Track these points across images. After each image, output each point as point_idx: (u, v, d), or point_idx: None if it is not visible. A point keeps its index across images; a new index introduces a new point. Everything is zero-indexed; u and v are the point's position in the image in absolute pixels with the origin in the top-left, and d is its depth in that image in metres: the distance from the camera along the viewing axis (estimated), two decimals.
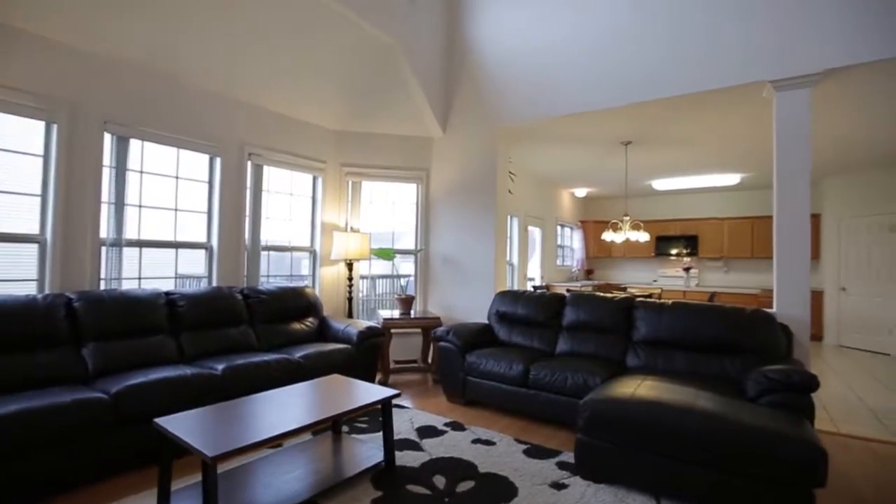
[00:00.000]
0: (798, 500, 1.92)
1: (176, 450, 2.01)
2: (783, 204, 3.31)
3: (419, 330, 4.69)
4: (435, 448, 2.77)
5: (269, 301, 3.77)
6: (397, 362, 4.55)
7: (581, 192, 8.38)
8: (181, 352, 3.12)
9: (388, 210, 5.10)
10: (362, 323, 3.91)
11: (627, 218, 5.49)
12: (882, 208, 6.19)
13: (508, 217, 5.76)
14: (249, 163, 4.00)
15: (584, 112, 4.08)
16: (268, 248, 4.24)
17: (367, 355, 3.76)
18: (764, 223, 7.51)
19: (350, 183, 4.84)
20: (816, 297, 6.87)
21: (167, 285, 3.59)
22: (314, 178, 4.65)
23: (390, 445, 2.49)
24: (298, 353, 3.35)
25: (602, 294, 3.92)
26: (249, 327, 3.58)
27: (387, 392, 2.50)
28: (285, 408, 2.21)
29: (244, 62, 3.66)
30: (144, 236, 3.42)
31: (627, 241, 5.67)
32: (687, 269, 7.22)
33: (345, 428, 3.02)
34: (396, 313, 4.45)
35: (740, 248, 7.69)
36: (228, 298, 3.51)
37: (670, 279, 8.47)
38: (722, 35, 3.45)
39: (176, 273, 3.65)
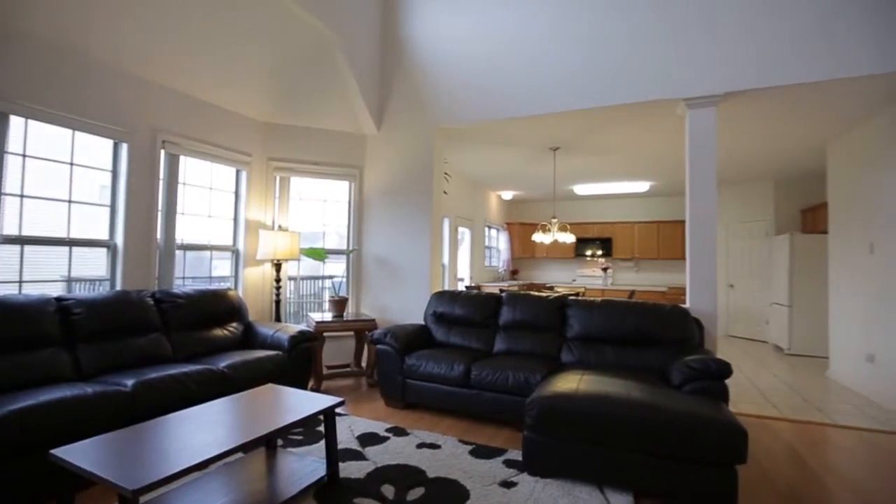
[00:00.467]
0: (723, 477, 2.11)
1: (78, 482, 1.70)
2: (694, 210, 3.65)
3: (352, 333, 4.52)
4: (379, 456, 2.66)
5: (187, 305, 3.39)
6: (329, 367, 4.34)
7: (508, 195, 8.65)
8: (78, 367, 2.68)
9: (318, 208, 4.84)
10: (293, 327, 3.67)
11: (555, 220, 5.76)
12: (760, 215, 7.14)
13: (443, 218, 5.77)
14: (163, 151, 3.56)
15: (519, 117, 4.19)
16: (184, 247, 3.81)
17: (300, 361, 3.53)
18: (669, 227, 8.31)
19: (278, 178, 4.53)
20: None
21: (56, 289, 3.07)
22: (238, 172, 4.28)
23: (334, 458, 2.34)
24: (223, 363, 3.04)
25: (536, 293, 4.05)
26: (163, 335, 3.18)
27: (330, 400, 2.35)
28: (215, 426, 1.98)
29: (160, 39, 3.25)
30: (27, 232, 2.89)
31: (555, 242, 5.94)
32: (605, 269, 7.78)
33: (279, 442, 2.79)
34: (328, 316, 4.24)
35: (649, 250, 8.44)
36: (137, 303, 3.10)
37: (588, 279, 9.05)
38: (645, 55, 3.73)
39: (69, 275, 3.14)
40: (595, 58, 3.88)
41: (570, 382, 2.66)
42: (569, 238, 5.85)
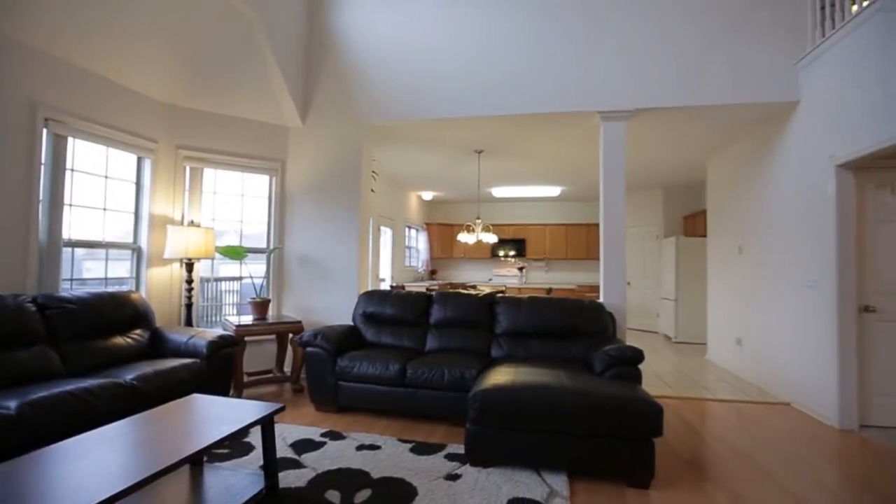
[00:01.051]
0: (643, 450, 2.37)
1: None
2: (608, 214, 4.04)
3: (274, 336, 4.26)
4: (318, 462, 2.56)
5: (79, 312, 2.94)
6: (249, 374, 4.04)
7: (428, 196, 8.75)
8: None
9: (235, 203, 4.49)
10: (211, 332, 3.36)
11: (480, 221, 5.97)
12: (651, 220, 8.06)
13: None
14: (45, 131, 3.05)
15: (449, 118, 4.29)
16: (73, 244, 3.30)
17: (220, 369, 3.24)
18: (577, 229, 9.03)
19: (188, 169, 4.11)
20: None
21: None
22: (140, 160, 3.81)
23: (273, 468, 2.21)
24: (130, 375, 2.69)
25: (465, 292, 4.17)
26: (50, 347, 2.73)
27: (268, 407, 2.21)
28: (132, 448, 1.75)
29: None
30: None
31: (479, 242, 6.14)
32: (521, 269, 8.24)
33: (204, 458, 2.55)
34: (248, 319, 3.95)
35: (559, 251, 9.08)
36: (14, 310, 2.62)
37: (503, 278, 9.48)
38: (568, 70, 4.03)
39: None
40: (525, 67, 4.10)
41: (506, 375, 2.79)
42: (491, 238, 6.10)
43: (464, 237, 6.04)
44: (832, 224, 3.34)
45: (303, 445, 2.78)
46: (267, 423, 2.20)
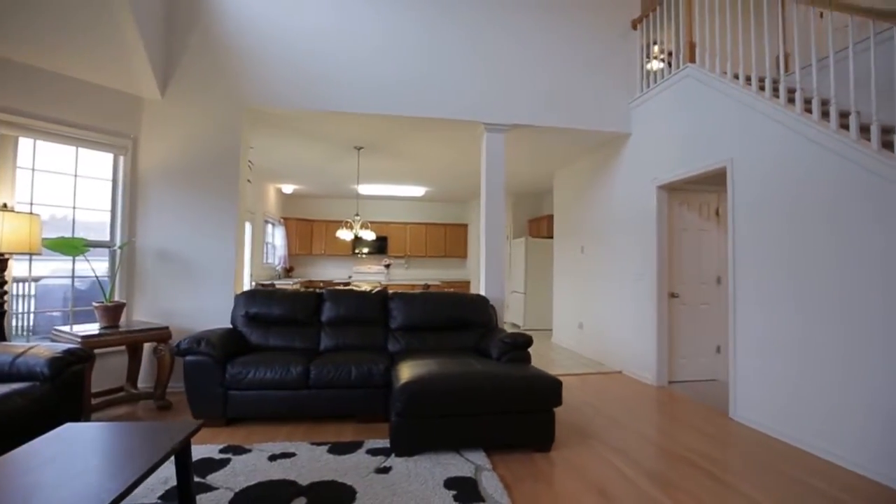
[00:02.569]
0: (546, 419, 2.76)
1: None
2: (490, 215, 4.47)
3: (124, 348, 3.55)
4: (231, 481, 2.29)
5: None
6: (96, 395, 3.30)
7: (288, 189, 8.20)
8: None
9: (65, 186, 3.58)
10: (46, 347, 2.66)
11: (359, 218, 5.88)
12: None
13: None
14: None
15: (337, 112, 4.17)
16: None
17: (69, 391, 2.59)
18: (436, 229, 9.54)
19: None
20: (465, 286, 9.31)
21: None
22: None
23: (191, 498, 1.92)
24: None
25: (357, 289, 4.14)
26: None
27: (181, 427, 1.91)
28: None
29: None
30: None
31: (356, 238, 6.05)
32: (387, 266, 8.34)
33: None
34: (94, 327, 3.22)
35: (419, 249, 9.47)
36: None
37: (364, 275, 9.46)
38: (458, 80, 4.34)
39: None
40: (418, 72, 4.26)
41: (421, 367, 2.90)
42: (370, 235, 6.08)
43: (342, 234, 5.89)
44: (653, 231, 4.35)
45: (204, 466, 2.44)
46: (184, 451, 1.91)
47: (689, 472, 2.51)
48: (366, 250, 9.25)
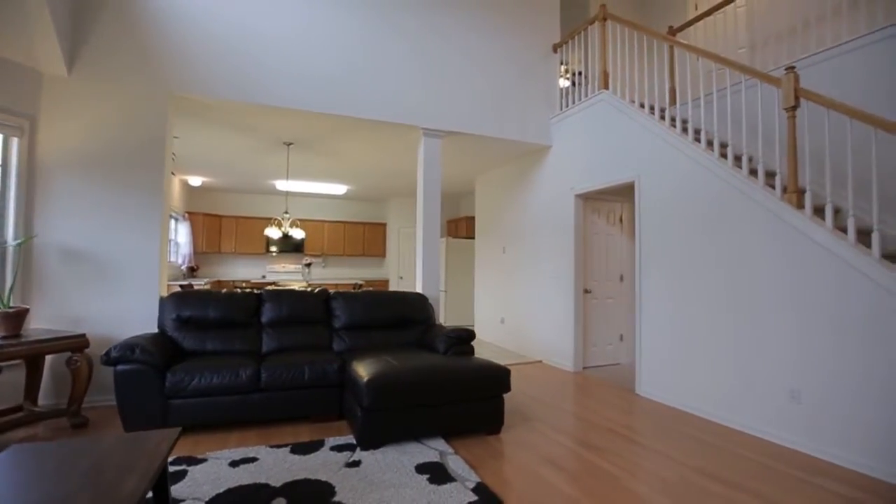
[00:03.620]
0: (497, 404, 3.05)
1: None
2: (426, 217, 4.67)
3: (20, 361, 3.10)
4: (197, 490, 2.20)
5: None
6: None
7: (196, 181, 7.53)
8: None
9: None
10: None
11: (288, 215, 5.65)
12: None
13: None
14: None
15: (274, 106, 4.05)
16: None
17: None
18: (355, 227, 9.45)
19: None
20: (384, 285, 9.38)
21: None
22: None
23: None
24: None
25: (298, 289, 4.07)
26: None
27: (165, 437, 1.82)
28: None
29: None
30: None
31: (284, 237, 5.80)
32: (308, 265, 8.04)
33: None
34: None
35: (337, 247, 9.30)
36: None
37: (279, 274, 9.04)
38: (399, 84, 4.47)
39: None
40: (360, 72, 4.30)
41: (380, 364, 3.01)
42: (300, 234, 5.87)
43: (270, 231, 5.62)
44: (571, 234, 4.91)
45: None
46: (163, 473, 1.83)
47: (614, 439, 2.98)
48: (274, 249, 8.81)
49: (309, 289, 4.52)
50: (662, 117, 4.07)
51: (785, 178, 3.13)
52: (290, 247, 8.88)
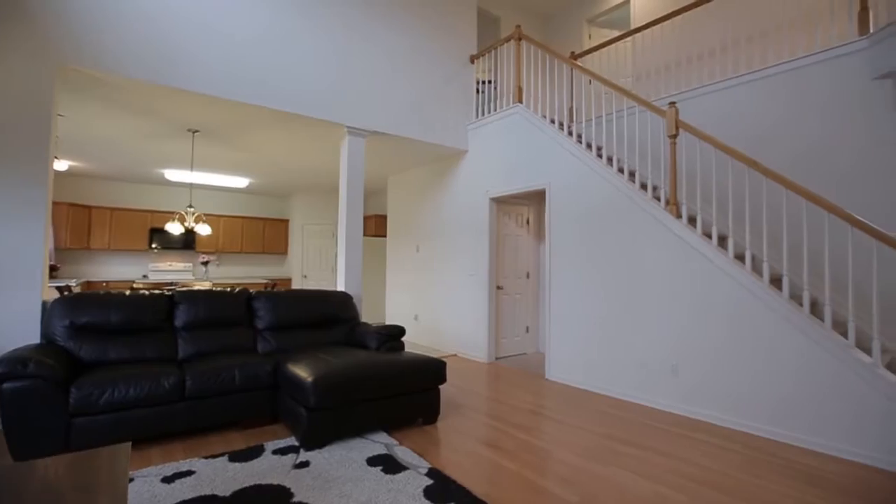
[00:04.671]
0: (434, 395, 3.23)
1: None
2: (350, 217, 4.67)
3: None
4: None
5: None
6: None
7: (62, 165, 6.40)
8: None
9: None
10: None
11: (193, 210, 5.11)
12: (327, 219, 9.06)
13: None
14: None
15: (182, 89, 3.72)
16: None
17: None
18: (254, 223, 8.86)
19: None
20: (285, 283, 8.96)
21: None
22: None
23: None
24: None
25: (217, 290, 3.80)
26: None
27: (118, 453, 1.67)
28: None
29: None
30: None
31: (189, 232, 5.24)
32: (205, 263, 7.28)
33: None
34: None
35: (234, 244, 8.63)
36: None
37: (164, 273, 8.10)
38: (329, 81, 4.40)
39: None
40: (285, 65, 4.15)
41: (319, 363, 2.98)
42: (205, 230, 5.34)
43: (172, 227, 5.02)
44: (486, 234, 5.28)
45: None
46: None
47: (536, 419, 3.35)
48: (156, 245, 7.88)
49: (217, 288, 4.22)
50: (570, 133, 4.61)
51: (667, 192, 3.80)
52: (177, 243, 8.01)
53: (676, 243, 3.50)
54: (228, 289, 3.88)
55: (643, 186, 4.06)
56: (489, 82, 5.96)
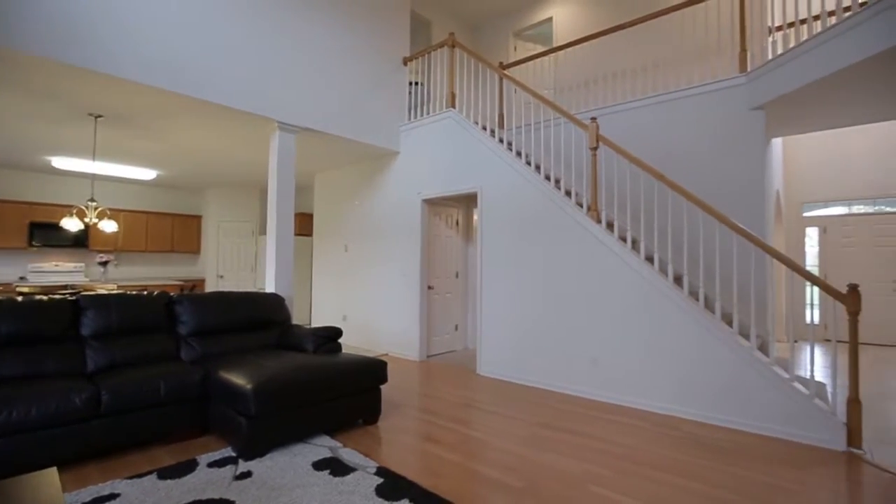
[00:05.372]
0: (376, 395, 3.26)
1: None
2: (280, 215, 4.51)
3: None
4: None
5: None
6: None
7: None
8: None
9: None
10: None
11: (95, 204, 4.51)
12: (247, 217, 8.54)
13: None
14: None
15: (90, 69, 3.35)
16: None
17: None
18: (161, 219, 8.08)
19: None
20: (200, 284, 8.31)
21: None
22: None
23: None
24: None
25: (132, 293, 3.47)
26: None
27: (45, 483, 1.51)
28: None
29: None
30: None
31: (88, 227, 4.61)
32: (104, 263, 6.43)
33: None
34: None
35: (137, 242, 7.80)
36: None
37: (47, 274, 7.09)
38: (259, 74, 4.21)
39: None
40: (211, 52, 3.89)
41: (256, 369, 2.86)
42: (111, 226, 4.75)
43: (69, 223, 4.39)
44: (418, 235, 5.37)
45: None
46: None
47: (472, 412, 3.52)
48: (37, 243, 6.88)
49: (120, 291, 3.84)
50: (501, 140, 4.85)
51: (589, 199, 4.17)
52: (65, 241, 7.06)
53: (596, 246, 3.87)
54: (145, 292, 3.56)
55: (567, 193, 4.42)
56: (419, 84, 6.04)
